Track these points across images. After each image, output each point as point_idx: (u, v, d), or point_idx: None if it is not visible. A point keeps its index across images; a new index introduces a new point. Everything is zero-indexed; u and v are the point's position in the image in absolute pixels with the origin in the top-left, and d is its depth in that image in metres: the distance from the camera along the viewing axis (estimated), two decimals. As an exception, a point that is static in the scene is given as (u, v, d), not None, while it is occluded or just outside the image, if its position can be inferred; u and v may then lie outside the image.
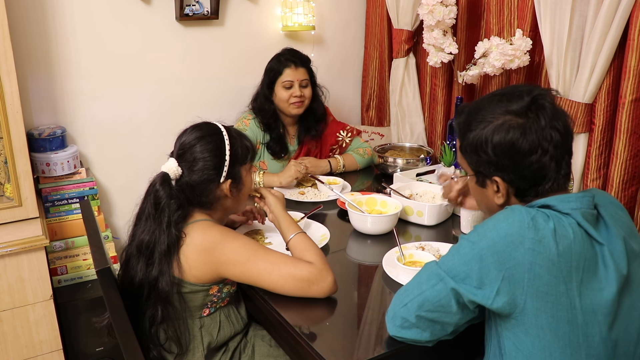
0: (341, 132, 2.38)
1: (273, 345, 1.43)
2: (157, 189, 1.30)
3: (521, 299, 0.96)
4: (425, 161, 2.27)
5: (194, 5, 2.31)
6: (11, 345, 1.82)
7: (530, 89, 1.07)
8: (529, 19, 1.98)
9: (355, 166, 2.33)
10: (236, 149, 1.37)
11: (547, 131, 1.03)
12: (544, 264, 0.95)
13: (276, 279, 1.26)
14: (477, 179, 1.14)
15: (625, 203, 1.78)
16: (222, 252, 1.27)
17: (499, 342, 1.04)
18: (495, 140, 1.05)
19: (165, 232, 1.27)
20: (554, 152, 1.03)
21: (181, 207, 1.31)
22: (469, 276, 1.00)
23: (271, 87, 2.21)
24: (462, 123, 1.13)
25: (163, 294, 1.26)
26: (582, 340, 0.96)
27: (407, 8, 2.47)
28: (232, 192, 1.38)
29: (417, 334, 1.08)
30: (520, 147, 1.03)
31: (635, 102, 1.68)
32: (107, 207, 2.34)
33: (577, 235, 0.97)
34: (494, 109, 1.07)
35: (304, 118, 2.29)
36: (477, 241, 1.01)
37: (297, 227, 1.43)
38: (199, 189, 1.34)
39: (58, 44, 2.10)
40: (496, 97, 1.10)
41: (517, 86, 1.10)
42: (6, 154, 1.78)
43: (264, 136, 2.23)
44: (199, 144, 1.34)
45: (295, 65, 2.18)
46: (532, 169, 1.05)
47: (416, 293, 1.06)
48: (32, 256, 1.79)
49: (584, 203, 1.02)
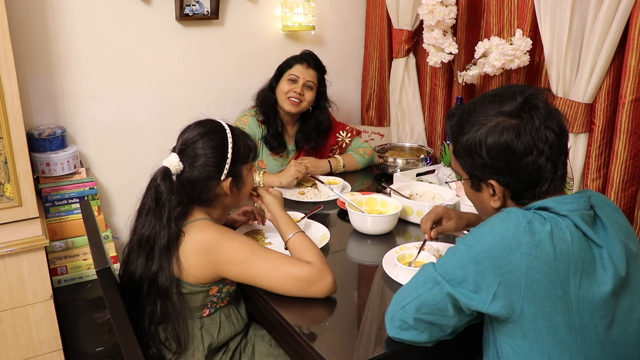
0: (341, 132, 2.37)
1: (273, 345, 1.43)
2: (158, 184, 1.30)
3: (518, 303, 0.95)
4: (425, 161, 2.26)
5: (194, 5, 2.31)
6: (11, 345, 1.82)
7: (523, 88, 1.05)
8: (529, 19, 1.98)
9: (355, 166, 2.33)
10: (239, 147, 1.38)
11: (542, 131, 1.01)
12: (540, 268, 0.93)
13: (275, 278, 1.26)
14: (472, 183, 1.13)
15: (625, 203, 1.78)
16: (221, 252, 1.27)
17: (496, 345, 1.04)
18: (489, 142, 1.03)
19: (166, 227, 1.27)
20: (549, 153, 1.02)
21: (181, 203, 1.31)
22: (465, 280, 0.99)
23: (278, 78, 2.21)
24: (454, 126, 1.11)
25: (162, 289, 1.26)
26: (581, 343, 0.95)
27: (407, 8, 2.47)
28: (232, 190, 1.38)
29: (415, 335, 1.08)
30: (515, 149, 1.02)
31: (635, 102, 1.68)
32: (107, 207, 2.34)
33: (575, 238, 0.96)
34: (486, 110, 1.05)
35: (305, 124, 2.28)
36: (473, 245, 0.99)
37: (295, 227, 1.43)
38: (199, 185, 1.34)
39: (58, 44, 2.10)
40: (488, 98, 1.08)
41: (510, 86, 1.08)
42: (6, 154, 1.78)
43: (262, 131, 2.22)
44: (201, 140, 1.34)
45: (307, 65, 2.19)
46: (528, 170, 1.03)
47: (413, 296, 1.06)
48: (32, 256, 1.79)
49: (580, 204, 1.01)
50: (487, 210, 1.14)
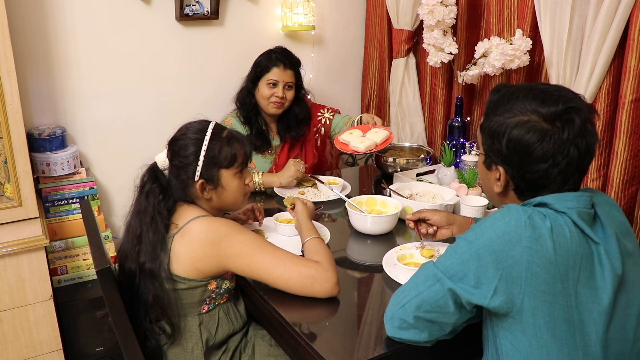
0: (321, 110, 2.37)
1: (273, 345, 1.43)
2: (145, 178, 1.36)
3: (519, 297, 0.96)
4: (425, 161, 2.26)
5: (194, 5, 2.31)
6: (11, 345, 1.82)
7: (571, 98, 1.03)
8: (529, 19, 1.98)
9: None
10: (214, 150, 1.36)
11: (567, 146, 1.00)
12: (541, 262, 0.95)
13: (280, 273, 1.27)
14: (485, 160, 1.15)
15: (625, 203, 1.78)
16: (229, 245, 1.28)
17: (495, 342, 1.04)
18: (513, 134, 1.04)
19: (152, 220, 1.30)
20: (564, 168, 1.02)
21: (167, 197, 1.34)
22: (466, 275, 1.00)
23: (255, 82, 2.19)
24: (492, 102, 1.11)
25: (150, 273, 1.28)
26: (579, 339, 0.97)
27: (407, 8, 2.47)
28: (205, 192, 1.38)
29: (415, 334, 1.08)
30: (533, 151, 1.02)
31: (635, 102, 1.68)
32: (107, 207, 2.34)
33: (573, 234, 0.97)
34: (526, 103, 1.04)
35: (284, 118, 2.27)
36: (474, 240, 1.01)
37: (315, 233, 1.45)
38: (174, 182, 1.37)
39: (58, 44, 2.10)
40: (534, 92, 1.06)
41: (561, 89, 1.06)
42: (6, 154, 1.78)
43: (246, 132, 2.22)
44: (182, 140, 1.37)
45: (284, 66, 2.16)
46: (536, 175, 1.04)
47: (413, 294, 1.06)
48: (32, 256, 1.79)
49: (581, 202, 1.02)
50: (489, 190, 1.17)
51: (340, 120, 2.36)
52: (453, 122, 2.25)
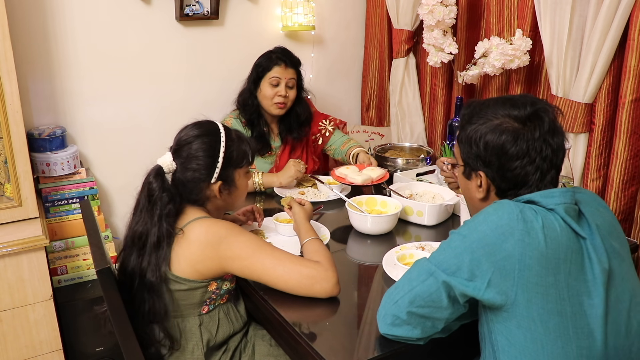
0: (323, 121, 2.37)
1: (273, 345, 1.43)
2: (151, 182, 1.33)
3: (512, 290, 0.98)
4: (425, 161, 2.27)
5: (194, 5, 2.31)
6: (11, 345, 1.82)
7: (537, 101, 1.12)
8: (529, 19, 1.98)
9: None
10: (231, 151, 1.38)
11: (539, 143, 1.08)
12: (533, 254, 0.97)
13: (281, 273, 1.27)
14: (465, 170, 1.19)
15: (625, 203, 1.78)
16: (229, 247, 1.28)
17: (491, 338, 1.06)
18: (489, 137, 1.10)
19: (157, 224, 1.29)
20: (540, 164, 1.08)
21: (173, 201, 1.33)
22: (460, 269, 1.02)
23: (257, 83, 2.19)
24: (465, 115, 1.18)
25: (149, 285, 1.28)
26: (572, 332, 0.98)
27: (407, 8, 2.47)
28: (222, 193, 1.39)
29: (408, 331, 1.09)
30: (509, 150, 1.08)
31: (635, 102, 1.68)
32: (107, 207, 2.34)
33: (563, 229, 1.01)
34: (497, 109, 1.12)
35: (287, 118, 2.26)
36: (467, 234, 1.04)
37: (313, 234, 1.45)
38: (189, 186, 1.36)
39: (58, 44, 2.10)
40: (503, 99, 1.15)
41: (526, 95, 1.16)
42: (6, 154, 1.78)
43: (247, 133, 2.21)
44: (194, 142, 1.36)
45: (285, 65, 2.16)
46: (515, 173, 1.09)
47: (407, 290, 1.08)
48: (32, 256, 1.79)
49: (567, 198, 1.06)
50: (472, 199, 1.21)
51: (339, 138, 2.35)
52: (453, 122, 2.25)
